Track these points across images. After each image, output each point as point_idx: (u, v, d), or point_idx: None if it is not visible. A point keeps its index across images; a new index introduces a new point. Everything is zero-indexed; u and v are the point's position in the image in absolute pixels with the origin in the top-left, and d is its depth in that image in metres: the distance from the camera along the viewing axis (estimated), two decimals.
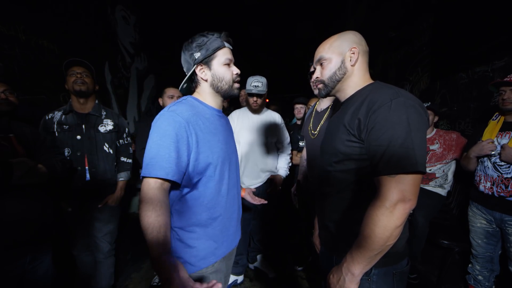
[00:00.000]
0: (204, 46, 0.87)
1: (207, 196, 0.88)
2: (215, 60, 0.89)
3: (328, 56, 0.85)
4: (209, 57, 0.89)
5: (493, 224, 1.64)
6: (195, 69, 0.90)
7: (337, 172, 0.83)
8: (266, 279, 2.12)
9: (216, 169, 0.88)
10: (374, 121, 0.70)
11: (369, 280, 0.78)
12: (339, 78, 0.84)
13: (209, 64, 0.89)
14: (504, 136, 1.56)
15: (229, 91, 0.93)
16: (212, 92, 0.93)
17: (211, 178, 0.88)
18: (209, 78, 0.91)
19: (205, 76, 0.91)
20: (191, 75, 0.92)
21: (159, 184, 0.77)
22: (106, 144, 1.69)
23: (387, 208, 0.66)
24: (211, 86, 0.92)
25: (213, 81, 0.91)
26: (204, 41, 0.88)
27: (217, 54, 0.89)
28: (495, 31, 1.97)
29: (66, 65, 1.57)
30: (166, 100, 1.92)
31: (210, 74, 0.90)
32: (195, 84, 0.95)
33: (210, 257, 0.90)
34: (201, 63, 0.89)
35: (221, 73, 0.90)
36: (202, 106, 0.92)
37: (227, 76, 0.91)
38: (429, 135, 2.12)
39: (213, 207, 0.90)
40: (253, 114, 1.99)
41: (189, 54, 0.89)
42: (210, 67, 0.90)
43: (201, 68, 0.90)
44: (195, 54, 0.88)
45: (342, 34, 0.86)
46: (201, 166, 0.84)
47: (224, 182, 0.93)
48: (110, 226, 1.74)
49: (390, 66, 3.63)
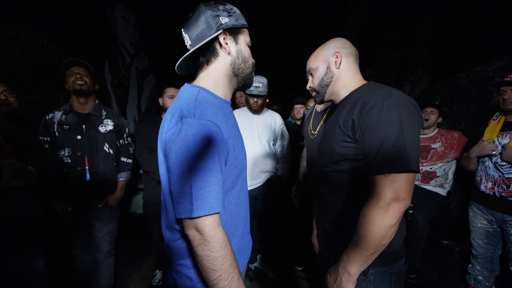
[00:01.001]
0: (233, 15, 0.71)
1: (230, 211, 0.73)
2: (242, 36, 0.73)
3: (315, 65, 0.90)
4: (238, 29, 0.72)
5: (494, 224, 1.63)
6: (218, 36, 0.69)
7: (333, 172, 0.83)
8: (266, 279, 2.12)
9: (239, 179, 0.74)
10: (367, 121, 0.70)
11: (367, 280, 0.78)
12: (327, 83, 0.88)
13: (236, 37, 0.72)
14: (505, 136, 1.56)
15: (250, 77, 0.78)
16: (229, 74, 0.74)
17: (234, 190, 0.73)
18: (233, 52, 0.72)
19: (229, 48, 0.71)
20: (207, 44, 0.70)
21: (218, 219, 0.62)
22: (106, 144, 1.69)
23: (381, 207, 0.66)
24: (231, 64, 0.73)
25: (236, 58, 0.73)
26: (233, 9, 0.72)
27: (244, 30, 0.74)
28: (495, 31, 1.97)
29: (65, 65, 1.57)
30: (166, 100, 1.91)
31: (236, 49, 0.72)
32: (208, 57, 0.72)
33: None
34: (227, 32, 0.70)
35: (247, 53, 0.75)
36: (219, 103, 0.72)
37: (250, 59, 0.76)
38: (430, 134, 2.12)
39: (235, 220, 0.76)
40: (253, 114, 2.00)
41: (213, 14, 0.68)
42: (236, 41, 0.72)
43: (226, 37, 0.70)
44: (222, 18, 0.68)
45: (325, 43, 0.91)
46: (229, 181, 0.70)
47: (242, 190, 0.78)
48: (110, 226, 1.74)
49: (390, 66, 3.63)
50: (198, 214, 0.58)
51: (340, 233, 0.84)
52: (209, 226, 0.59)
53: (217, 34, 0.68)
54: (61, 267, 1.77)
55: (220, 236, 0.61)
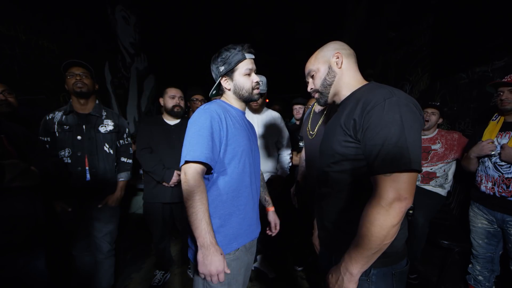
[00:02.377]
0: (227, 61, 1.01)
1: (232, 185, 0.98)
2: (237, 71, 1.03)
3: (316, 67, 0.92)
4: (231, 70, 1.03)
5: (495, 224, 1.64)
6: (221, 80, 1.05)
7: (334, 172, 0.83)
8: (266, 279, 2.12)
9: (240, 161, 1.00)
10: (369, 121, 0.70)
11: (369, 280, 0.78)
12: (330, 82, 0.89)
13: (231, 76, 1.04)
14: (504, 136, 1.56)
15: (249, 97, 1.07)
16: (235, 97, 1.08)
17: (236, 169, 0.99)
18: (231, 87, 1.06)
19: (228, 86, 1.06)
20: (218, 84, 1.08)
21: (200, 169, 0.89)
22: (107, 144, 1.69)
23: (383, 207, 0.66)
24: (234, 93, 1.07)
25: (235, 89, 1.06)
26: (228, 55, 1.01)
27: (238, 66, 1.03)
28: (495, 32, 1.97)
29: (65, 66, 1.57)
30: (167, 100, 1.91)
31: (233, 84, 1.05)
32: (221, 91, 1.12)
33: (232, 243, 0.99)
34: (225, 75, 1.04)
35: (242, 82, 1.04)
36: (229, 107, 1.06)
37: (247, 85, 1.05)
38: (430, 135, 2.12)
39: (237, 196, 1.00)
40: (253, 113, 1.99)
41: (216, 67, 1.05)
42: (232, 78, 1.04)
43: (225, 79, 1.05)
44: (220, 68, 1.03)
45: (324, 46, 0.93)
46: (228, 156, 0.97)
47: (247, 175, 1.03)
48: (110, 226, 1.74)
49: (390, 66, 3.63)
50: (187, 158, 0.89)
51: (341, 233, 0.84)
52: (191, 169, 0.89)
53: (219, 80, 1.06)
54: (61, 267, 1.77)
55: (197, 178, 0.88)
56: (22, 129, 1.24)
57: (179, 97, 1.92)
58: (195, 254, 0.92)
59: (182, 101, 1.96)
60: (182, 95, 1.96)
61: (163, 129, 1.93)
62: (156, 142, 1.90)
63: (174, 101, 1.90)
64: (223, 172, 0.97)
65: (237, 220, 1.01)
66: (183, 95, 1.97)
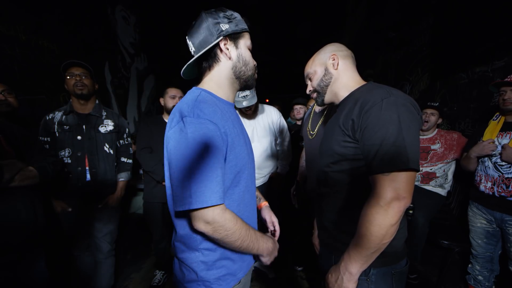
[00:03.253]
0: (233, 20, 0.74)
1: (234, 207, 0.76)
2: (242, 40, 0.77)
3: (313, 69, 0.94)
4: (238, 34, 0.76)
5: (493, 224, 1.64)
6: (219, 42, 0.73)
7: (334, 172, 0.84)
8: (266, 279, 2.12)
9: (242, 178, 0.76)
10: (367, 121, 0.71)
11: (368, 280, 0.78)
12: (327, 83, 0.91)
13: (236, 42, 0.76)
14: (505, 136, 1.56)
15: (251, 79, 0.82)
16: (231, 77, 0.78)
17: (236, 189, 0.76)
18: (234, 57, 0.76)
19: (230, 53, 0.75)
20: (209, 50, 0.75)
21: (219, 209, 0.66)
22: (107, 144, 1.69)
23: (382, 207, 0.67)
24: (233, 68, 0.77)
25: (237, 62, 0.77)
26: (234, 15, 0.76)
27: (244, 35, 0.78)
28: (495, 32, 1.97)
29: (64, 66, 1.57)
30: (168, 100, 1.91)
31: (236, 54, 0.76)
32: (211, 63, 0.77)
33: (238, 273, 0.82)
34: (228, 37, 0.74)
35: (247, 56, 0.78)
36: (221, 104, 0.75)
37: (252, 62, 0.80)
38: (430, 134, 2.12)
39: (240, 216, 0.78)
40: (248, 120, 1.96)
41: (214, 22, 0.72)
42: (237, 45, 0.76)
43: (227, 43, 0.75)
44: (222, 25, 0.72)
45: (321, 49, 0.95)
46: (229, 178, 0.73)
47: (248, 190, 0.81)
48: (110, 226, 1.74)
49: (390, 66, 3.63)
50: (197, 206, 0.62)
51: (341, 232, 0.84)
52: (217, 215, 0.65)
53: (218, 40, 0.72)
54: (61, 267, 1.77)
55: (228, 217, 0.67)
56: (20, 129, 1.24)
57: (180, 97, 1.92)
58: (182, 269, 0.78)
59: None
60: (183, 95, 1.96)
61: (163, 129, 1.91)
62: (156, 142, 1.90)
63: (175, 101, 1.90)
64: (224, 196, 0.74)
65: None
66: (183, 95, 1.97)
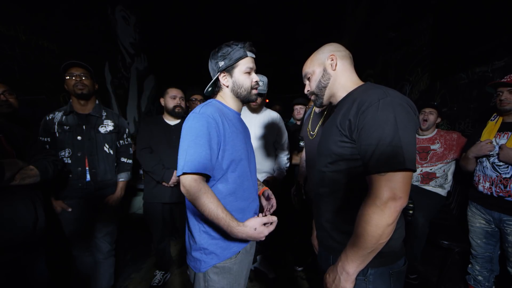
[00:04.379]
0: (227, 56, 0.98)
1: (231, 189, 0.96)
2: (237, 68, 0.99)
3: (311, 70, 0.94)
4: (231, 66, 0.99)
5: (492, 224, 1.64)
6: (219, 76, 1.01)
7: (331, 172, 0.84)
8: (266, 280, 2.12)
9: (238, 166, 0.98)
10: (363, 121, 0.71)
11: (366, 280, 0.78)
12: (325, 84, 0.91)
13: (231, 72, 1.00)
14: (503, 136, 1.56)
15: (247, 96, 1.03)
16: (232, 96, 1.04)
17: (233, 174, 0.97)
18: (230, 84, 1.01)
19: (227, 82, 1.01)
20: (215, 81, 1.03)
21: (200, 178, 0.86)
22: (107, 144, 1.69)
23: (378, 206, 0.67)
24: (231, 91, 1.02)
25: (233, 87, 1.01)
26: (228, 51, 0.98)
27: (239, 63, 0.99)
28: (495, 32, 1.97)
29: (64, 67, 1.57)
30: (169, 100, 1.92)
31: (231, 81, 1.01)
32: (218, 89, 1.06)
33: (233, 247, 0.98)
34: (224, 71, 1.00)
35: (241, 80, 1.00)
36: (225, 109, 1.02)
37: (247, 83, 1.01)
38: (430, 135, 2.12)
39: (236, 200, 0.99)
40: (251, 113, 1.98)
41: (215, 62, 1.00)
42: (231, 75, 1.00)
43: (224, 75, 1.00)
44: (219, 63, 0.99)
45: (319, 49, 0.95)
46: (225, 162, 0.94)
47: (246, 178, 1.02)
48: (110, 226, 1.74)
49: (390, 66, 3.63)
50: (186, 170, 0.84)
51: (339, 233, 0.85)
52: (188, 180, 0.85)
53: (217, 75, 1.01)
54: (61, 267, 1.77)
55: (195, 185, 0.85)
56: (21, 130, 1.25)
57: (180, 97, 1.92)
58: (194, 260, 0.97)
59: (183, 102, 1.96)
60: (183, 96, 1.97)
61: (163, 129, 1.93)
62: (156, 142, 1.90)
63: (175, 101, 1.90)
64: (222, 178, 0.95)
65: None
66: (184, 96, 1.98)
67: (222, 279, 0.97)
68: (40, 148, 1.30)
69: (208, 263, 0.95)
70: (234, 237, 0.90)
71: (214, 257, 0.95)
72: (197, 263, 0.97)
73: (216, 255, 0.95)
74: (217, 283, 0.96)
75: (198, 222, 0.97)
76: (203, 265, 0.95)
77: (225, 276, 0.97)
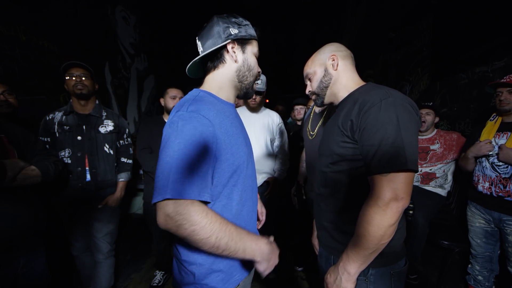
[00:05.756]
0: (243, 27, 0.78)
1: (232, 210, 0.75)
2: (250, 46, 0.80)
3: (312, 70, 0.93)
4: (246, 40, 0.79)
5: (492, 224, 1.64)
6: (227, 45, 0.76)
7: (333, 173, 0.84)
8: (266, 280, 2.12)
9: (240, 177, 0.76)
10: (366, 121, 0.71)
11: (367, 280, 0.78)
12: (326, 85, 0.90)
13: (243, 47, 0.79)
14: (502, 136, 1.56)
15: (251, 85, 0.84)
16: (233, 79, 0.80)
17: (235, 188, 0.75)
18: (239, 60, 0.78)
19: (237, 57, 0.78)
20: (216, 52, 0.78)
21: (191, 203, 0.61)
22: (107, 144, 1.69)
23: (380, 207, 0.67)
24: (237, 71, 0.79)
25: (242, 66, 0.79)
26: (243, 22, 0.79)
27: (252, 41, 0.81)
28: (495, 32, 1.97)
29: (64, 67, 1.57)
30: (168, 100, 1.91)
31: (242, 58, 0.79)
32: (216, 64, 0.79)
33: (235, 275, 0.80)
34: (236, 41, 0.77)
35: (253, 62, 0.81)
36: (219, 103, 0.77)
37: (255, 69, 0.83)
38: (429, 135, 2.12)
39: (238, 216, 0.78)
40: (251, 112, 1.97)
41: (224, 26, 0.76)
42: (244, 50, 0.79)
43: (234, 47, 0.77)
44: (232, 29, 0.76)
45: (321, 48, 0.94)
46: (225, 176, 0.71)
47: (247, 190, 0.81)
48: (110, 226, 1.74)
49: (390, 66, 3.63)
50: (172, 195, 0.59)
51: (340, 233, 0.85)
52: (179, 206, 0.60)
53: (226, 42, 0.75)
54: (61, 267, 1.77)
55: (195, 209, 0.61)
56: (22, 130, 1.25)
57: (180, 97, 1.92)
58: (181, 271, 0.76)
59: None
60: (184, 96, 1.96)
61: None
62: (156, 142, 1.90)
63: (175, 101, 1.90)
64: (221, 195, 0.72)
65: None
66: (184, 96, 1.97)
67: None
68: (41, 148, 1.31)
69: None
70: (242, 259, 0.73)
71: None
72: None
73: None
74: None
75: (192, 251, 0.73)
76: None
77: None
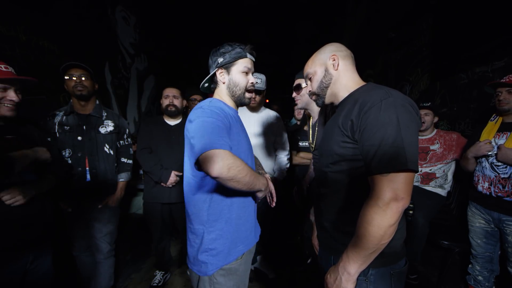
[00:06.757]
0: (227, 54, 1.00)
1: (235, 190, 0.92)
2: (235, 67, 1.01)
3: (313, 70, 0.93)
4: (230, 64, 1.00)
5: (492, 224, 1.64)
6: (216, 71, 1.02)
7: (333, 173, 0.84)
8: (266, 280, 2.12)
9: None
10: (366, 121, 0.71)
11: (367, 280, 0.78)
12: (326, 84, 0.90)
13: (228, 70, 1.01)
14: (502, 136, 1.56)
15: (241, 97, 1.04)
16: (228, 94, 1.04)
17: None
18: (226, 81, 1.02)
19: (223, 79, 1.02)
20: (212, 76, 1.05)
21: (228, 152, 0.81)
22: (107, 145, 1.69)
23: (380, 207, 0.67)
24: (227, 88, 1.03)
25: (229, 84, 1.02)
26: (229, 49, 1.00)
27: (237, 62, 1.01)
28: (495, 32, 1.97)
29: (64, 68, 1.57)
30: (163, 100, 1.93)
31: (228, 78, 1.02)
32: (215, 85, 1.07)
33: (239, 246, 0.99)
34: (222, 67, 1.01)
35: (237, 79, 1.01)
36: (225, 106, 1.01)
37: (242, 82, 1.02)
38: (429, 135, 2.12)
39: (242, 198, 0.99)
40: (251, 112, 1.97)
41: (215, 58, 1.02)
42: (229, 72, 1.02)
43: (221, 71, 1.02)
44: (218, 59, 1.01)
45: (321, 48, 0.94)
46: None
47: None
48: (110, 226, 1.74)
49: (390, 66, 3.63)
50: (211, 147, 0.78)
51: (340, 233, 0.85)
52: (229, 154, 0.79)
53: (215, 70, 1.02)
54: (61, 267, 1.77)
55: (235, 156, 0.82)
56: (39, 132, 1.32)
57: (173, 96, 1.91)
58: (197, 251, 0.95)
59: (177, 100, 1.93)
60: (178, 94, 1.94)
61: (163, 129, 1.93)
62: (156, 142, 1.90)
63: (168, 100, 1.90)
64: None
65: (243, 222, 1.01)
66: (179, 94, 1.95)
67: (229, 281, 0.96)
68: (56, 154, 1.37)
69: (215, 265, 0.94)
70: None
71: (221, 258, 0.94)
72: (202, 266, 0.94)
73: (223, 255, 0.94)
74: (224, 285, 0.96)
75: (203, 223, 0.95)
76: (209, 267, 0.93)
77: (231, 278, 0.97)
